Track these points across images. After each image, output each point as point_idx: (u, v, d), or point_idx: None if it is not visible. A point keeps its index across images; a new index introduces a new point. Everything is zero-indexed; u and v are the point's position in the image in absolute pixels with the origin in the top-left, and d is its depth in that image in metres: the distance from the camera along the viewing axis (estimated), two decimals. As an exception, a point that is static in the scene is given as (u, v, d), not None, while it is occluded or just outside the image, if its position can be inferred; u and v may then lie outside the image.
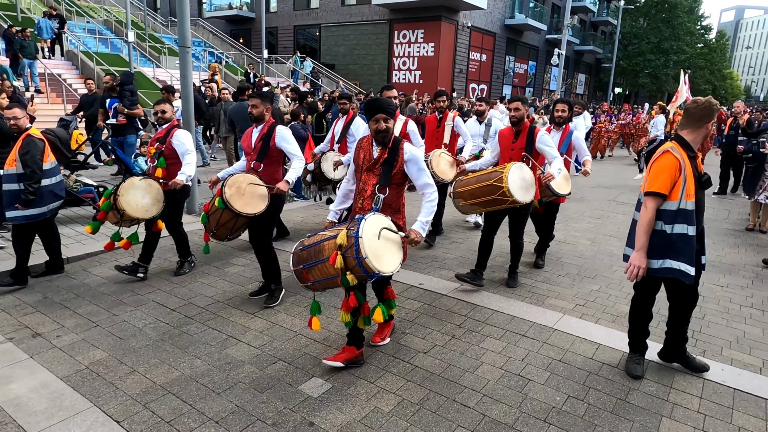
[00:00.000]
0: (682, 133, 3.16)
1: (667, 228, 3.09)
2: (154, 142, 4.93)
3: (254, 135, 4.44)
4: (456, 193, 4.81)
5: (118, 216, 4.59)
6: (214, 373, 3.36)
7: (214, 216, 4.23)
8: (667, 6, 36.32)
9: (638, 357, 3.50)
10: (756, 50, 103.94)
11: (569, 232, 7.11)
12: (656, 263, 3.14)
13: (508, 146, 4.76)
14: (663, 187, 3.05)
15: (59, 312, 4.21)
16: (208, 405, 3.03)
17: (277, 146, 4.36)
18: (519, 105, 4.64)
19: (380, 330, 3.79)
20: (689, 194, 3.04)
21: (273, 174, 4.41)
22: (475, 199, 4.62)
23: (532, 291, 4.89)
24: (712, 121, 3.14)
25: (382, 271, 2.96)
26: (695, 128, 3.13)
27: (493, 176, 4.48)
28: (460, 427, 2.89)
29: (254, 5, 32.02)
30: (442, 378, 3.36)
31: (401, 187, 3.40)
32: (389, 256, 3.07)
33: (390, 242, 3.10)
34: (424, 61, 26.27)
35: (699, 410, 3.11)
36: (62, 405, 3.01)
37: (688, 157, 3.10)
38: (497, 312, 4.35)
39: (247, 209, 4.14)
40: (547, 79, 36.19)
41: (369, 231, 2.97)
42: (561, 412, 3.04)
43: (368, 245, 2.92)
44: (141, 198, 4.63)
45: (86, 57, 17.24)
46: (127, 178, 4.67)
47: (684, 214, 3.05)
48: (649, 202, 3.08)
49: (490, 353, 3.69)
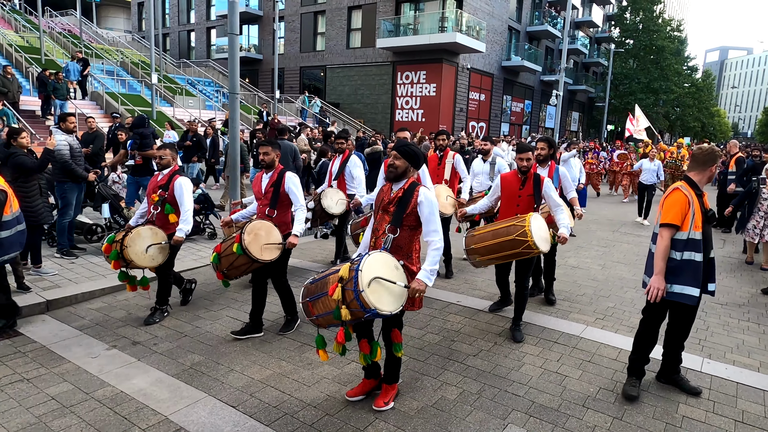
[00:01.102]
0: (690, 174, 3.65)
1: (677, 255, 3.51)
2: (156, 188, 4.92)
3: (264, 181, 4.56)
4: (471, 249, 4.67)
5: (124, 264, 4.70)
6: (300, 371, 3.98)
7: (228, 259, 4.35)
8: (655, 48, 38.11)
9: (635, 380, 3.78)
10: (741, 89, 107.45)
11: (581, 259, 7.81)
12: (669, 287, 3.54)
13: (514, 193, 4.72)
14: (675, 218, 3.49)
15: (148, 326, 4.82)
16: (304, 394, 3.65)
17: (286, 192, 4.51)
18: (530, 155, 4.62)
19: (384, 392, 3.54)
20: (697, 226, 3.50)
21: (283, 218, 4.57)
22: (495, 254, 4.54)
23: (556, 308, 5.55)
24: (715, 165, 3.64)
25: (379, 308, 2.95)
26: (701, 170, 3.63)
27: (513, 230, 4.38)
28: (515, 411, 3.51)
29: (261, 47, 33.49)
30: (493, 374, 3.99)
31: (414, 231, 3.38)
32: (390, 296, 3.06)
33: (394, 278, 3.11)
34: (426, 101, 27.44)
35: (709, 398, 3.75)
36: (182, 395, 3.62)
37: (695, 194, 3.57)
38: (530, 323, 5.00)
39: (264, 256, 4.31)
40: (542, 117, 37.58)
41: (370, 266, 3.01)
42: (595, 400, 3.67)
43: (367, 280, 2.96)
44: (147, 247, 4.68)
45: (110, 97, 18.16)
46: (133, 228, 4.73)
47: (693, 243, 3.50)
48: (664, 232, 3.51)
49: (530, 356, 4.33)
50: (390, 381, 3.53)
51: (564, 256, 7.81)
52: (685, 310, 3.65)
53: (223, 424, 3.27)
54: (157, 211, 4.88)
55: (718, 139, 51.25)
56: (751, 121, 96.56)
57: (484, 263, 4.74)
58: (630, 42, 39.81)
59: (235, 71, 7.43)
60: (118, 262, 4.67)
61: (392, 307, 3.05)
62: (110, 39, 35.81)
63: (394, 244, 3.32)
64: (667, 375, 3.92)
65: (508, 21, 30.96)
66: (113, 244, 4.68)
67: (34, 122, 15.31)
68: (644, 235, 9.96)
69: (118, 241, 4.66)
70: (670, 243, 3.52)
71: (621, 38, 40.53)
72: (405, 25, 27.06)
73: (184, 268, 6.52)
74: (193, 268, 6.54)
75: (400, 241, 3.33)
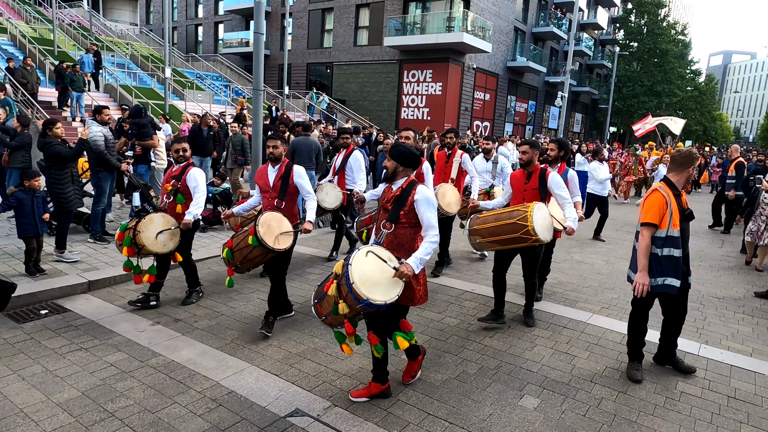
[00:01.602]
0: (669, 176, 3.91)
1: (658, 251, 3.79)
2: (169, 179, 5.07)
3: (271, 174, 4.63)
4: (473, 230, 4.81)
5: (136, 249, 4.80)
6: (332, 346, 4.35)
7: (241, 252, 4.43)
8: (659, 52, 38.45)
9: (637, 364, 4.08)
10: (744, 93, 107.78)
11: (586, 254, 8.19)
12: (653, 281, 3.80)
13: (520, 188, 4.86)
14: (654, 218, 3.76)
15: (186, 306, 5.19)
16: (339, 366, 4.03)
17: (294, 183, 4.61)
18: (527, 149, 4.75)
19: (409, 368, 3.79)
20: (675, 224, 3.75)
21: (291, 209, 4.66)
22: (495, 236, 4.66)
23: (564, 297, 5.92)
24: (692, 167, 3.88)
25: (371, 298, 3.05)
26: (679, 172, 3.88)
27: (515, 215, 4.53)
28: (530, 384, 3.89)
29: (269, 43, 33.74)
30: (509, 353, 4.37)
31: (415, 228, 3.43)
32: (383, 287, 3.14)
33: (386, 273, 3.19)
34: (432, 99, 27.76)
35: (705, 377, 4.12)
36: (227, 365, 3.99)
37: (673, 194, 3.81)
38: (540, 311, 5.38)
39: (278, 245, 4.40)
40: (546, 118, 37.92)
41: (360, 259, 3.15)
42: (602, 376, 4.05)
43: (357, 272, 3.08)
44: (158, 233, 4.82)
45: (124, 90, 18.50)
46: (146, 215, 4.91)
47: (671, 240, 3.76)
48: (644, 231, 3.79)
49: (541, 338, 4.71)
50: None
51: (570, 252, 8.18)
52: (671, 299, 3.96)
53: (269, 389, 3.65)
54: (169, 200, 5.01)
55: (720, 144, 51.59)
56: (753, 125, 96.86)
57: (484, 246, 4.87)
58: (634, 45, 40.14)
59: (259, 69, 7.79)
60: (131, 248, 4.78)
61: (385, 298, 3.11)
62: (118, 31, 36.08)
63: (395, 242, 3.40)
64: (663, 358, 4.24)
65: (514, 22, 31.27)
66: (126, 231, 4.82)
67: (51, 113, 15.63)
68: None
69: (131, 228, 4.80)
70: (652, 240, 3.79)
71: (625, 41, 40.85)
72: (412, 23, 27.37)
73: (209, 255, 6.89)
74: (217, 256, 6.87)
75: (401, 239, 3.41)
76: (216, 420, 3.26)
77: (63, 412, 3.27)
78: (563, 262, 7.48)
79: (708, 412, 3.61)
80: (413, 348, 3.64)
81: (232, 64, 32.15)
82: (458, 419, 3.39)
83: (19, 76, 14.42)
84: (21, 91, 14.15)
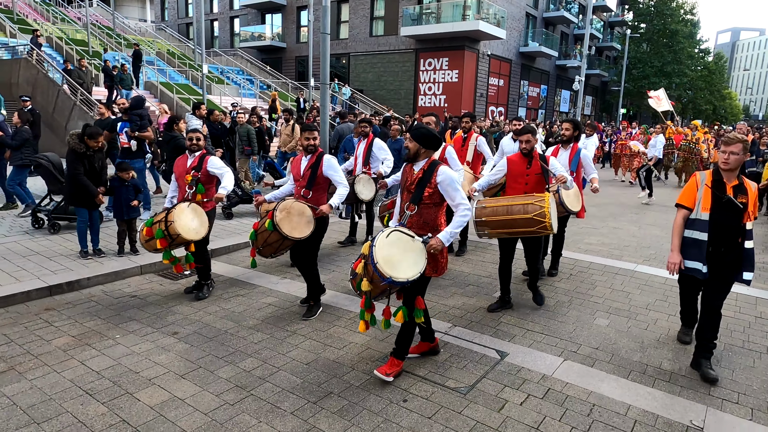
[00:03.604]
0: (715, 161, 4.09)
1: (687, 233, 3.78)
2: (189, 170, 5.09)
3: (303, 163, 4.73)
4: (481, 222, 4.72)
5: (169, 240, 4.83)
6: (441, 289, 5.40)
7: (262, 235, 4.54)
8: (669, 32, 39.01)
9: (687, 329, 4.30)
10: (753, 71, 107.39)
11: (619, 222, 9.22)
12: (684, 262, 3.78)
13: (521, 172, 4.79)
14: (682, 200, 3.81)
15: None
16: (447, 302, 5.09)
17: (324, 174, 4.67)
18: (530, 137, 4.72)
19: (390, 364, 3.69)
20: (705, 208, 3.68)
21: (319, 199, 4.69)
22: (508, 229, 4.65)
23: (610, 253, 6.98)
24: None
25: (393, 276, 3.22)
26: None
27: (530, 209, 4.49)
28: (599, 311, 4.94)
29: (285, 36, 34.60)
30: (575, 292, 5.43)
31: (439, 207, 3.57)
32: (406, 264, 3.32)
33: (409, 252, 3.36)
34: (449, 87, 28.58)
35: (735, 304, 5.15)
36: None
37: (713, 180, 3.71)
38: (595, 263, 6.43)
39: (294, 233, 4.43)
40: (557, 101, 38.65)
41: (383, 239, 3.32)
42: (654, 305, 5.11)
43: (380, 253, 3.26)
44: (191, 221, 4.90)
45: (165, 87, 19.56)
46: (176, 204, 4.99)
47: (699, 223, 3.70)
48: (678, 211, 3.86)
49: (600, 281, 5.78)
50: (398, 355, 3.68)
51: (605, 221, 9.21)
52: (703, 286, 3.87)
53: (399, 317, 4.71)
54: (192, 191, 5.05)
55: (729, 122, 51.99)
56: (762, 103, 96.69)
57: (493, 236, 4.84)
58: (643, 26, 40.66)
59: (326, 65, 8.79)
60: (164, 240, 4.81)
61: (407, 275, 3.28)
62: (138, 29, 37.01)
63: (420, 221, 3.53)
64: (694, 362, 3.88)
65: (525, 7, 31.95)
66: (153, 225, 4.89)
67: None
68: (670, 207, 11.23)
69: (161, 221, 4.85)
70: (687, 222, 3.79)
71: (634, 22, 41.36)
72: (427, 13, 28.11)
73: (242, 241, 7.27)
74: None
75: (426, 218, 3.54)
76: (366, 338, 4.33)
77: (257, 331, 4.36)
78: (602, 228, 8.53)
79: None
80: (405, 344, 3.68)
81: (252, 58, 33.04)
82: (551, 332, 4.46)
83: (76, 77, 15.48)
84: (80, 90, 15.21)
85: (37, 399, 3.30)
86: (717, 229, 3.63)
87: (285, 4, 34.17)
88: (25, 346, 4.01)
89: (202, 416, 3.15)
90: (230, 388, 3.47)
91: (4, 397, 3.31)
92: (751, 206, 3.60)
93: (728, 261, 3.66)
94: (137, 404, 3.26)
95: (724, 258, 3.66)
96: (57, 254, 6.14)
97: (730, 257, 3.65)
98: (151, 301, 5.05)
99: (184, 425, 3.06)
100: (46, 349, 3.96)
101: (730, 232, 3.63)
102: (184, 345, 4.09)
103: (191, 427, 3.04)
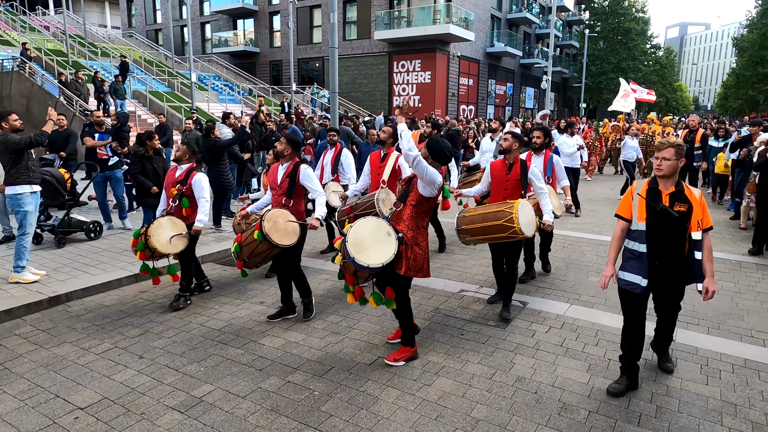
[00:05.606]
0: None
1: (627, 244, 3.58)
2: (174, 183, 5.16)
3: (280, 172, 4.80)
4: (462, 230, 4.90)
5: (149, 253, 4.94)
6: (463, 261, 6.55)
7: (249, 247, 4.59)
8: (623, 30, 41.50)
9: (628, 372, 3.66)
10: (701, 63, 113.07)
11: (596, 206, 10.59)
12: (619, 274, 3.60)
13: (502, 177, 4.89)
14: (620, 210, 3.61)
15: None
16: (472, 270, 6.25)
17: (301, 183, 4.73)
18: (509, 137, 4.84)
19: (399, 351, 4.03)
20: (640, 218, 3.48)
21: (297, 207, 4.77)
22: (484, 235, 4.81)
23: (590, 226, 8.27)
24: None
25: (356, 258, 3.53)
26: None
27: (501, 216, 4.60)
28: (565, 292, 6.20)
29: (258, 41, 35.15)
30: (550, 275, 6.68)
31: (418, 208, 3.79)
32: (375, 252, 3.59)
33: (381, 241, 3.64)
34: (422, 87, 29.78)
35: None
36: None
37: (648, 188, 3.52)
38: (596, 242, 7.72)
39: (284, 241, 4.52)
40: (522, 99, 40.51)
41: (361, 224, 3.70)
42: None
43: (353, 234, 3.62)
44: (168, 235, 4.96)
45: (153, 96, 20.11)
46: (155, 219, 5.08)
47: (637, 234, 3.49)
48: (617, 222, 3.65)
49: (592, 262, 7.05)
50: (405, 343, 4.02)
51: (583, 205, 10.58)
52: (643, 299, 3.60)
53: (436, 284, 5.84)
54: (175, 204, 5.13)
55: (681, 113, 55.17)
56: (711, 94, 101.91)
57: (474, 243, 5.03)
58: (599, 24, 43.03)
59: (334, 74, 9.81)
60: (143, 253, 4.94)
61: (374, 261, 3.54)
62: (107, 36, 36.79)
63: (396, 215, 3.85)
64: (655, 345, 4.00)
65: (490, 10, 33.52)
66: (138, 237, 5.01)
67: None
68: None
69: (143, 234, 4.97)
70: (626, 233, 3.62)
71: (591, 21, 43.68)
72: (399, 17, 29.25)
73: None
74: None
75: (401, 214, 3.83)
76: (417, 297, 5.42)
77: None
78: (581, 211, 9.87)
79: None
80: (407, 333, 4.00)
81: (227, 64, 33.46)
82: (557, 288, 5.72)
83: (73, 89, 15.99)
84: (78, 101, 15.74)
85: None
86: (655, 240, 3.43)
87: (257, 10, 34.72)
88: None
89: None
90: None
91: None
92: (699, 214, 3.40)
93: (677, 276, 3.48)
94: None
95: (673, 273, 3.46)
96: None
97: (677, 271, 3.46)
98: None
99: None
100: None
101: (671, 242, 3.43)
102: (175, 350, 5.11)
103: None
